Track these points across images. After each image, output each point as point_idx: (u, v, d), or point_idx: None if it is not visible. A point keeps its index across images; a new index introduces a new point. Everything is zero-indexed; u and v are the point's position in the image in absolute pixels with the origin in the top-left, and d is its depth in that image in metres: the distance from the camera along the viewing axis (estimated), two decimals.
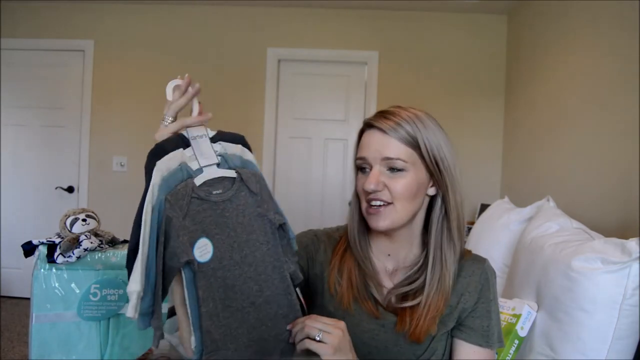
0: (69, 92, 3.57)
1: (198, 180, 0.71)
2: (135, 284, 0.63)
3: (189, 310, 0.69)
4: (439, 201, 0.87)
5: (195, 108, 0.80)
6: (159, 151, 0.70)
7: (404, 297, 0.87)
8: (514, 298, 1.44)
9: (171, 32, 3.57)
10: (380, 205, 0.84)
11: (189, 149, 0.73)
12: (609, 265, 1.15)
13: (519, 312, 1.34)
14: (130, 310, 0.63)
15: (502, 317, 1.39)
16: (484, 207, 3.01)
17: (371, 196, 0.84)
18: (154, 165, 0.68)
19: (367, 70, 3.54)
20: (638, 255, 1.12)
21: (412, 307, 0.85)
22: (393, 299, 0.88)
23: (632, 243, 1.16)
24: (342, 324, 0.76)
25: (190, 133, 0.74)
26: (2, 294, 3.50)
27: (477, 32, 3.49)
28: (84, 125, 3.56)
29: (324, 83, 3.58)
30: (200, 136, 0.75)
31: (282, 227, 0.79)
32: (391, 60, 3.52)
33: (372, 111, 3.45)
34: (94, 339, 1.48)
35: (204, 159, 0.74)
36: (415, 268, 0.89)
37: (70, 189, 3.57)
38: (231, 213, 0.73)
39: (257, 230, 0.76)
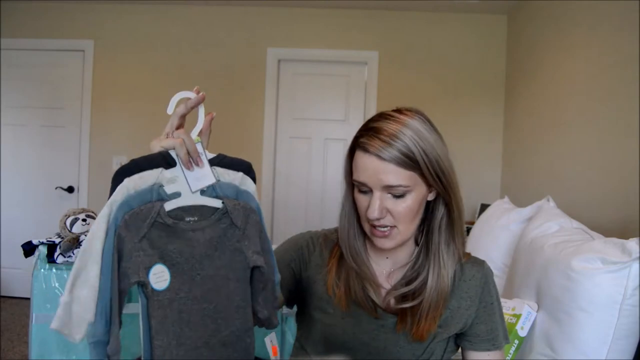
0: (69, 92, 3.57)
1: (169, 205, 0.66)
2: (81, 308, 0.60)
3: (141, 341, 0.65)
4: (440, 206, 0.87)
5: (201, 119, 0.72)
6: (132, 168, 0.65)
7: (404, 298, 0.86)
8: (514, 298, 1.44)
9: (171, 32, 3.57)
10: (385, 230, 0.83)
11: (175, 169, 0.67)
12: (609, 265, 1.15)
13: (519, 312, 1.34)
14: (55, 321, 0.59)
15: None
16: (484, 207, 3.01)
17: (374, 223, 0.83)
18: (120, 182, 0.64)
19: (367, 70, 3.54)
20: (638, 255, 1.12)
21: (412, 307, 0.85)
22: (392, 301, 0.88)
23: (632, 243, 1.16)
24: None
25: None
26: (2, 294, 3.50)
27: (477, 32, 3.49)
28: (84, 125, 3.56)
29: (324, 83, 3.58)
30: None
31: (261, 269, 0.73)
32: (391, 60, 3.52)
33: (372, 111, 3.45)
34: None
35: (190, 183, 0.68)
36: (410, 265, 0.89)
37: (70, 189, 3.57)
38: (200, 244, 0.67)
39: (228, 266, 0.70)
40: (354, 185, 0.86)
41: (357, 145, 0.83)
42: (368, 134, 0.81)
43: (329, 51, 3.54)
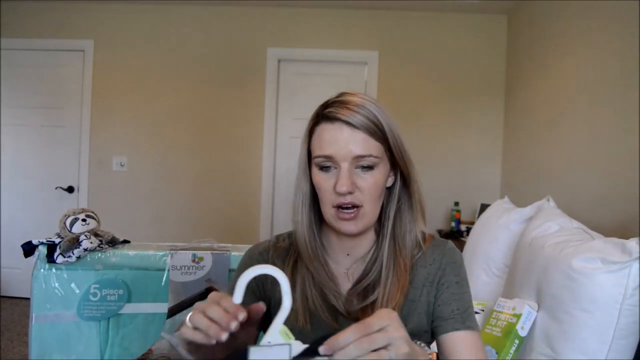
0: (69, 92, 3.57)
1: None
2: None
3: None
4: (397, 190, 0.84)
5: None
6: None
7: (365, 294, 0.82)
8: (515, 298, 1.44)
9: (171, 32, 3.57)
10: (352, 210, 0.79)
11: None
12: (609, 265, 1.15)
13: (519, 312, 1.34)
14: None
15: (502, 317, 1.39)
16: (484, 207, 3.01)
17: (341, 200, 0.78)
18: None
19: (367, 70, 3.54)
20: (638, 255, 1.12)
21: (372, 304, 0.80)
22: (355, 301, 0.82)
23: (632, 243, 1.16)
24: (394, 314, 0.58)
25: None
26: (2, 294, 3.50)
27: (477, 32, 3.49)
28: (84, 125, 3.55)
29: (324, 83, 3.57)
30: None
31: None
32: (391, 60, 3.52)
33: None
34: (94, 339, 1.48)
35: None
36: (369, 257, 0.86)
37: (70, 189, 3.57)
38: None
39: None
40: (310, 172, 0.83)
41: (322, 118, 0.80)
42: (334, 105, 0.79)
43: (329, 51, 3.54)
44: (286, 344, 0.56)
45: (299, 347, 0.56)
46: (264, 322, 0.90)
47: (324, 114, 0.79)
